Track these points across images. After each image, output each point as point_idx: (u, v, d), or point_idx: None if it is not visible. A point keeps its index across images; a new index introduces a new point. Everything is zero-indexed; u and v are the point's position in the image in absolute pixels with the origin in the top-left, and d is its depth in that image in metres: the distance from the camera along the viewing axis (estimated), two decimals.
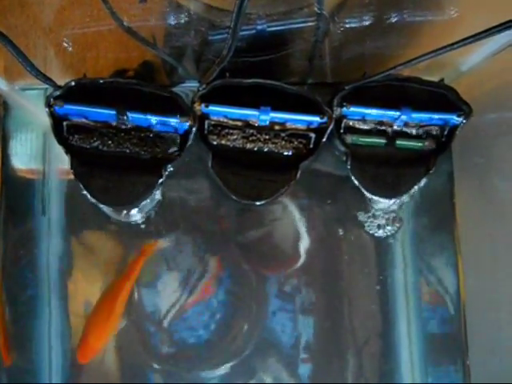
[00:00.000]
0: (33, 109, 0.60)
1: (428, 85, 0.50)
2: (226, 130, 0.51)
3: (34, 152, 0.60)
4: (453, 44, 0.40)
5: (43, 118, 0.57)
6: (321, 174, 0.56)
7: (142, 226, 0.55)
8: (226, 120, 0.50)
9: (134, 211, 0.51)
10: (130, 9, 0.51)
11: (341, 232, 0.56)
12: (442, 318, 0.56)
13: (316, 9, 0.50)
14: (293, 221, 0.56)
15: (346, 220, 0.56)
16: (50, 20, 0.42)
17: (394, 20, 0.50)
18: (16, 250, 0.57)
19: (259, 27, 0.50)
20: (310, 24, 0.50)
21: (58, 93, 0.45)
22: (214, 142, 0.51)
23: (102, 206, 0.50)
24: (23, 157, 0.60)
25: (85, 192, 0.49)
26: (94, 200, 0.49)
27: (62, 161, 0.59)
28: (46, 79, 0.42)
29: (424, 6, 0.50)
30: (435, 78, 0.51)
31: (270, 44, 0.49)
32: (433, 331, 0.55)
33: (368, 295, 0.55)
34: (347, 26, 0.49)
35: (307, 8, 0.50)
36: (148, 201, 0.50)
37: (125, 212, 0.51)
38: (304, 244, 0.56)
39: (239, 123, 0.51)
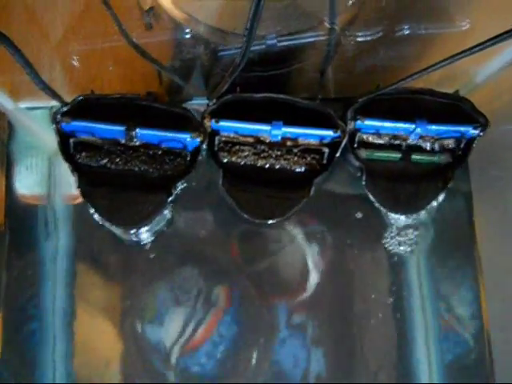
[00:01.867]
0: (38, 130, 0.59)
1: (442, 97, 0.49)
2: (237, 147, 0.50)
3: (39, 177, 0.59)
4: (462, 52, 0.39)
5: (49, 141, 0.57)
6: (331, 198, 0.54)
7: (151, 256, 0.53)
8: (236, 136, 0.49)
9: (143, 230, 0.50)
10: (137, 25, 0.50)
11: (352, 257, 0.53)
12: (463, 344, 0.53)
13: (327, 24, 0.50)
14: (302, 248, 0.54)
15: (358, 244, 0.53)
16: (59, 35, 0.41)
17: (405, 33, 0.49)
18: (20, 281, 0.55)
19: (269, 42, 0.50)
20: (321, 38, 0.50)
21: (65, 109, 0.44)
22: (225, 160, 0.50)
23: (109, 226, 0.48)
24: (28, 182, 0.59)
25: (92, 212, 0.48)
26: (101, 220, 0.47)
27: (67, 186, 0.58)
28: (53, 94, 0.41)
29: (435, 18, 0.50)
30: (449, 91, 0.50)
31: (281, 58, 0.49)
32: (453, 359, 0.52)
33: (382, 323, 0.52)
34: (358, 39, 0.49)
35: (318, 26, 0.50)
36: (157, 220, 0.49)
37: (133, 231, 0.50)
38: (314, 271, 0.53)
39: (250, 139, 0.50)
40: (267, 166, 0.50)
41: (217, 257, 0.52)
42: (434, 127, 0.48)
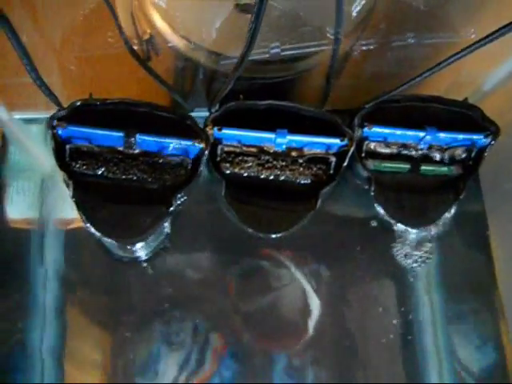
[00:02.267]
0: (32, 148, 0.57)
1: (451, 104, 0.47)
2: (240, 158, 0.48)
3: (31, 201, 0.57)
4: (458, 53, 0.39)
5: (43, 162, 0.55)
6: (331, 234, 0.51)
7: (143, 295, 0.49)
8: (239, 146, 0.47)
9: (140, 246, 0.47)
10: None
11: (358, 296, 0.49)
12: (482, 370, 0.49)
13: (330, 36, 0.49)
14: (301, 287, 0.50)
15: (361, 281, 0.50)
16: (59, 40, 0.40)
17: (411, 42, 0.49)
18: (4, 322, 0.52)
19: (273, 51, 0.49)
20: (326, 48, 0.49)
21: (61, 113, 0.43)
22: (227, 171, 0.48)
23: (104, 239, 0.45)
24: (19, 206, 0.57)
25: (87, 225, 0.45)
26: (96, 233, 0.45)
27: (60, 210, 0.55)
28: (50, 94, 0.39)
29: (440, 27, 0.49)
30: (458, 99, 0.49)
31: (285, 66, 0.48)
32: None
33: (389, 367, 0.48)
34: (364, 48, 0.48)
35: (322, 37, 0.49)
36: (156, 235, 0.46)
37: (129, 247, 0.47)
38: (314, 314, 0.49)
39: (254, 149, 0.48)
40: (271, 177, 0.48)
41: (213, 297, 0.49)
42: (443, 135, 0.47)
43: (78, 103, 0.43)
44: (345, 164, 0.47)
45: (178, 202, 0.47)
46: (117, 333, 0.48)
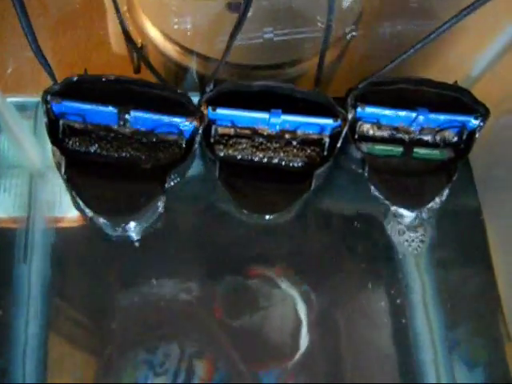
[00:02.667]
0: (22, 139, 0.57)
1: (442, 87, 0.48)
2: (234, 140, 0.48)
3: (19, 200, 0.56)
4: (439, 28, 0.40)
5: (32, 157, 0.54)
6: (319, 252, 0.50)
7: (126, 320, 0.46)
8: (233, 127, 0.47)
9: (132, 226, 0.46)
10: None
11: (346, 317, 0.47)
12: (476, 349, 0.48)
13: (320, 25, 0.51)
14: (290, 307, 0.48)
15: (352, 299, 0.48)
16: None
17: (398, 28, 0.50)
18: None
19: (266, 36, 0.50)
20: (318, 35, 0.50)
21: (56, 88, 0.42)
22: (221, 153, 0.48)
23: (96, 219, 0.44)
24: (6, 205, 0.56)
25: (79, 202, 0.44)
26: (87, 210, 0.44)
27: (49, 208, 0.54)
28: (46, 64, 0.39)
29: (431, 15, 0.51)
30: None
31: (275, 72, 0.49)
32: None
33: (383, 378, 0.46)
34: (354, 34, 0.49)
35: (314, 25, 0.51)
36: (149, 213, 0.45)
37: (122, 226, 0.46)
38: (303, 334, 0.47)
39: (247, 131, 0.48)
40: (265, 159, 0.48)
41: (199, 318, 0.47)
42: (435, 116, 0.47)
43: (74, 78, 0.43)
44: (338, 145, 0.47)
45: (172, 184, 0.47)
46: (104, 339, 0.46)
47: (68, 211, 0.51)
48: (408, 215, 0.49)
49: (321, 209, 0.50)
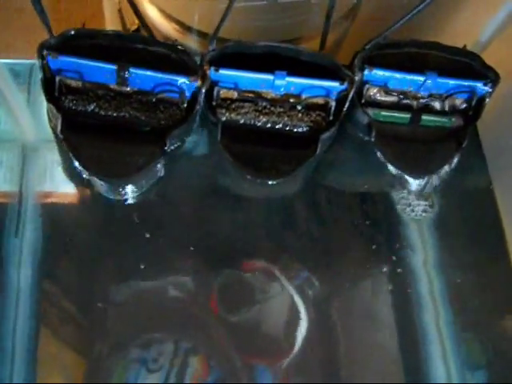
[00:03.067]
0: (16, 112, 0.55)
1: (451, 51, 0.47)
2: (237, 103, 0.46)
3: (10, 174, 0.54)
4: None
5: (26, 130, 0.52)
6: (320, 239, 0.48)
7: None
8: (236, 90, 0.46)
9: (130, 189, 0.44)
10: None
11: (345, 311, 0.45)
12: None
13: None
14: (288, 298, 0.46)
15: (352, 292, 0.46)
16: None
17: None
18: None
19: None
20: None
21: (52, 41, 0.41)
22: (223, 117, 0.46)
23: (93, 179, 0.42)
24: None
25: (75, 164, 0.42)
26: (83, 172, 0.42)
27: (41, 183, 0.52)
28: (43, 13, 0.38)
29: None
30: None
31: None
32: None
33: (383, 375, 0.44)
34: None
35: None
36: (148, 176, 0.44)
37: (120, 189, 0.44)
38: (302, 326, 0.45)
39: (251, 94, 0.46)
40: (269, 123, 0.47)
41: (195, 311, 0.44)
42: (443, 81, 0.46)
43: (72, 32, 0.41)
44: (345, 109, 0.45)
45: (172, 148, 0.45)
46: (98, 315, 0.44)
47: (61, 185, 0.49)
48: (415, 183, 0.48)
49: (325, 177, 0.49)
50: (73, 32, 0.41)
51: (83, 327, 0.43)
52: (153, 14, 0.55)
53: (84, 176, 0.43)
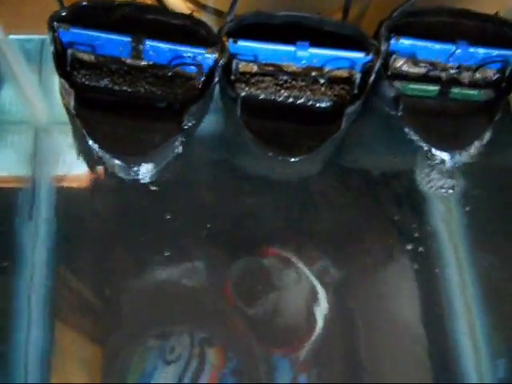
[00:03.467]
0: (26, 88, 0.53)
1: (483, 19, 0.44)
2: (256, 78, 0.44)
3: (22, 157, 0.52)
4: None
5: (37, 110, 0.51)
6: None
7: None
8: (256, 64, 0.44)
9: (145, 169, 0.42)
10: None
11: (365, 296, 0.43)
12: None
13: None
14: (307, 285, 0.43)
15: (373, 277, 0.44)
16: None
17: None
18: None
19: None
20: None
21: (63, 12, 0.39)
22: (243, 93, 0.44)
23: (107, 157, 0.41)
24: (9, 162, 0.52)
25: (89, 141, 0.40)
26: (97, 149, 0.40)
27: (55, 166, 0.51)
28: None
29: None
30: None
31: None
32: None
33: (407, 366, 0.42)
34: None
35: None
36: (165, 154, 0.42)
37: (135, 168, 0.42)
38: (321, 313, 0.43)
39: (271, 68, 0.44)
40: (291, 98, 0.45)
41: (211, 299, 0.43)
42: (474, 50, 0.44)
43: (83, 3, 0.39)
44: (370, 81, 0.43)
45: (190, 124, 0.43)
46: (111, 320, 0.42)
47: (74, 167, 0.47)
48: (444, 159, 0.45)
49: (350, 154, 0.47)
50: (85, 3, 0.40)
51: (99, 316, 0.42)
52: None
53: (99, 155, 0.41)
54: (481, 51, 0.44)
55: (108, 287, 0.42)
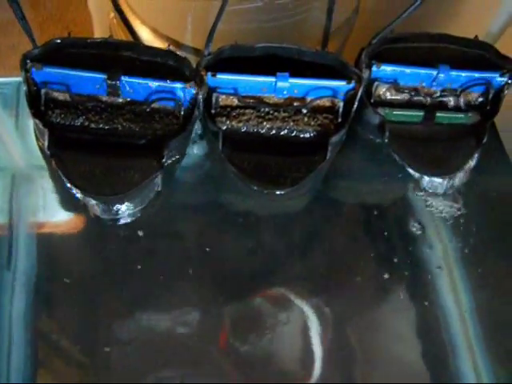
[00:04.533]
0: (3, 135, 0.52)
1: (462, 43, 0.44)
2: (237, 110, 0.43)
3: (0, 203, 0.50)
4: None
5: (13, 154, 0.49)
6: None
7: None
8: (236, 97, 0.43)
9: (124, 207, 0.40)
10: None
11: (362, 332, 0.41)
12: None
13: None
14: (301, 323, 0.41)
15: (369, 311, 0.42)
16: None
17: None
18: None
19: None
20: None
21: (36, 52, 0.38)
22: (224, 126, 0.43)
23: (86, 201, 0.39)
24: None
25: (67, 184, 0.39)
26: (75, 191, 0.38)
27: (33, 212, 0.49)
28: (25, 23, 0.35)
29: None
30: None
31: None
32: None
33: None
34: None
35: None
36: (144, 193, 0.40)
37: (114, 208, 0.40)
38: (317, 355, 0.41)
39: (252, 100, 0.43)
40: (273, 130, 0.44)
41: (202, 344, 0.40)
42: (457, 74, 0.43)
43: (57, 41, 0.38)
44: (354, 109, 0.42)
45: (170, 161, 0.42)
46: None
47: (54, 213, 0.46)
48: (434, 184, 0.44)
49: (337, 184, 0.45)
50: (58, 41, 0.39)
51: (85, 369, 0.39)
52: (145, 34, 0.53)
53: (77, 196, 0.40)
54: (463, 74, 0.43)
55: (93, 337, 0.40)
